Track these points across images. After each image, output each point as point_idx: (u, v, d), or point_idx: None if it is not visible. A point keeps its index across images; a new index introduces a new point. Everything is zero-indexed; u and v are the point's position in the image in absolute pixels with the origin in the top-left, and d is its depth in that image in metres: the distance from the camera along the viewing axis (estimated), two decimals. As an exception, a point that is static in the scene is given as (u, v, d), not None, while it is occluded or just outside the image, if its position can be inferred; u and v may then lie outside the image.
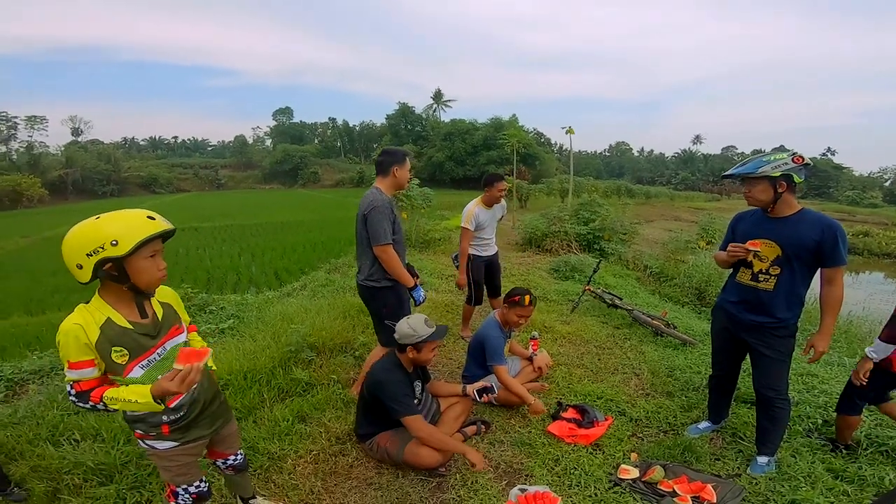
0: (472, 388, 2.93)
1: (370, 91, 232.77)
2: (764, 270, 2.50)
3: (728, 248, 2.56)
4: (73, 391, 1.52)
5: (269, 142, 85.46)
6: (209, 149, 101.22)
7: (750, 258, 2.53)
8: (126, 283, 1.53)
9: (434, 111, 68.33)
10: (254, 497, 2.31)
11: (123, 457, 2.57)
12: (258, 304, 6.19)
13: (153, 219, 1.53)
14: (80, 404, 1.52)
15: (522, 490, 2.44)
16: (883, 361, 2.52)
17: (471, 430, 3.01)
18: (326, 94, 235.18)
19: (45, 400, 3.29)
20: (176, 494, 1.82)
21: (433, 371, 3.69)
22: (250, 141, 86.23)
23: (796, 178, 2.35)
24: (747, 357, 2.78)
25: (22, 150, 53.88)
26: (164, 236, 1.58)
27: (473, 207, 4.33)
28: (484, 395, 2.93)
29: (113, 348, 1.54)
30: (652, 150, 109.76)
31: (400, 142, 53.29)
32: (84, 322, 1.50)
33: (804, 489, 2.46)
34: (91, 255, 1.43)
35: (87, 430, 2.85)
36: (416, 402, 2.74)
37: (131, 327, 1.59)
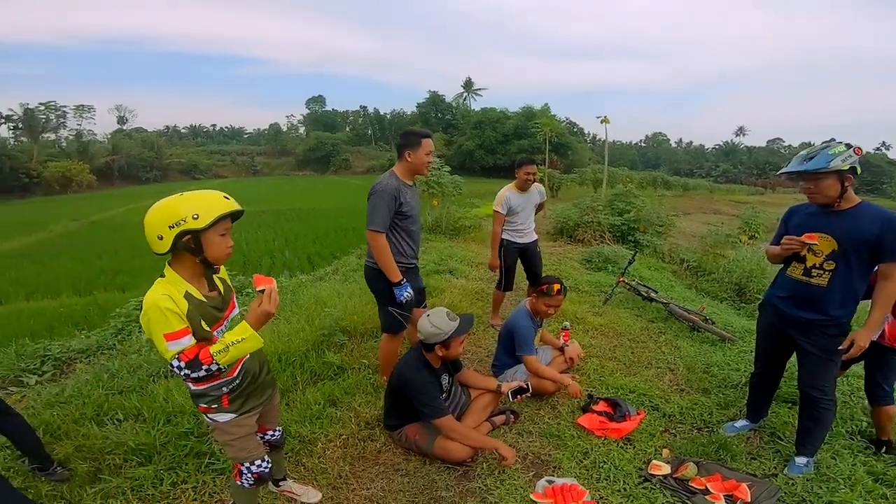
0: (507, 388, 2.87)
1: (401, 80, 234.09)
2: (818, 265, 2.37)
3: (783, 241, 2.43)
4: (181, 363, 1.54)
5: (302, 129, 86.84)
6: (245, 136, 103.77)
7: (804, 252, 2.40)
8: (200, 256, 1.60)
9: (464, 99, 67.86)
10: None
11: (163, 437, 2.62)
12: (292, 287, 6.33)
13: (228, 199, 1.63)
14: (193, 374, 1.55)
15: (550, 482, 2.42)
16: (880, 337, 2.58)
17: (499, 419, 2.99)
18: (358, 83, 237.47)
19: (92, 379, 3.35)
20: (241, 473, 1.89)
21: (462, 359, 3.67)
22: (284, 129, 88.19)
23: (858, 170, 2.23)
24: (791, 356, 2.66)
25: (71, 137, 56.53)
26: (234, 217, 1.67)
27: (505, 191, 4.32)
28: (518, 395, 2.88)
29: (201, 320, 1.61)
30: (691, 142, 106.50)
31: (430, 129, 53.00)
32: (170, 293, 1.56)
33: (843, 491, 2.36)
34: (173, 227, 1.51)
35: (129, 409, 2.90)
36: (444, 395, 2.73)
37: (205, 300, 1.67)
